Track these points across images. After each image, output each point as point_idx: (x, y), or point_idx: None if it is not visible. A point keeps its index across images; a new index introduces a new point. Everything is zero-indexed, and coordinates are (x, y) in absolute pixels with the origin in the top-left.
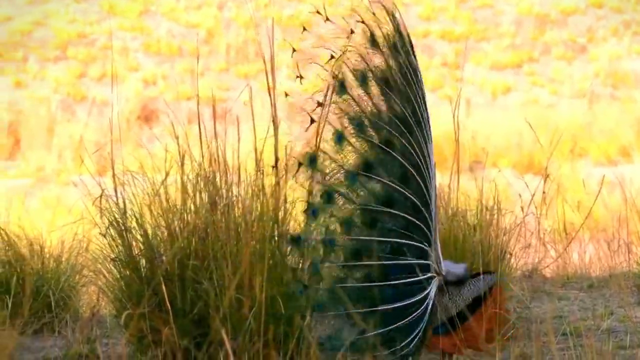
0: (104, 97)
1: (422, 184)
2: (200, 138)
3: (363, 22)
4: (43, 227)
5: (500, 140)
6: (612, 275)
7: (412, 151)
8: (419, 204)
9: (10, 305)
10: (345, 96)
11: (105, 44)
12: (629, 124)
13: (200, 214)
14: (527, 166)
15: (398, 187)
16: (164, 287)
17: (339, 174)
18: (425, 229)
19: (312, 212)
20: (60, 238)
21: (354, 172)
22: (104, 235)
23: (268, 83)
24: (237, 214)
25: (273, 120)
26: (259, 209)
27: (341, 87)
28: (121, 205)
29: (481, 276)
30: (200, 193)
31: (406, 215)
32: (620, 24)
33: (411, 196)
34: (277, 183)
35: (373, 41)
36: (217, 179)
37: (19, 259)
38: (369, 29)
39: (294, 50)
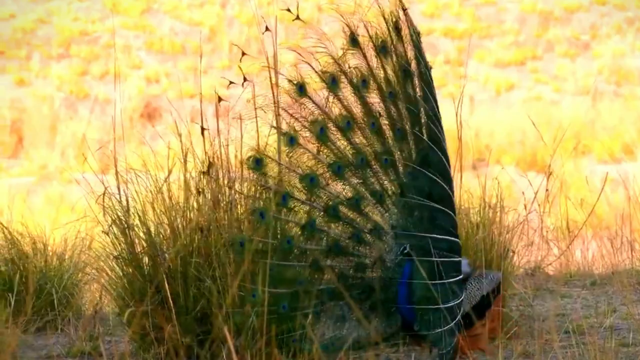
0: (107, 95)
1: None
2: (203, 135)
3: (347, 23)
4: (46, 225)
5: (504, 138)
6: (615, 273)
7: (388, 151)
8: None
9: (13, 303)
10: (304, 99)
11: (108, 42)
12: (633, 121)
13: (203, 212)
14: (530, 163)
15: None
16: (166, 285)
17: (292, 177)
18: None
19: (259, 214)
20: (63, 236)
21: (311, 175)
22: (107, 233)
23: (271, 80)
24: (239, 212)
25: (276, 118)
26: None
27: (300, 90)
28: (124, 203)
29: (485, 274)
30: (203, 190)
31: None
32: (623, 21)
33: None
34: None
35: (353, 40)
36: (220, 177)
37: (22, 257)
38: (350, 29)
39: (244, 54)
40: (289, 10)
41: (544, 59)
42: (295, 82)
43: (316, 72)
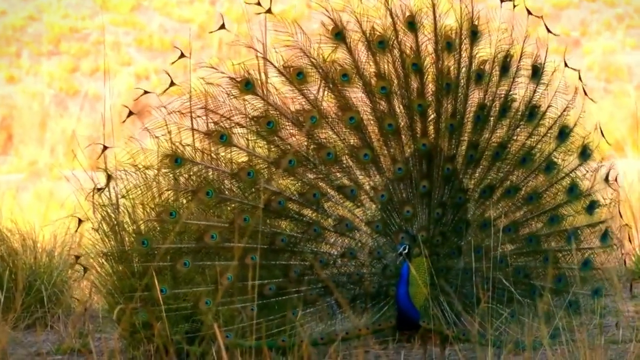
0: (97, 91)
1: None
2: (193, 133)
3: (332, 18)
4: (36, 222)
5: None
6: (605, 270)
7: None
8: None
9: (2, 299)
10: (250, 96)
11: (97, 39)
12: (623, 118)
13: (193, 209)
14: None
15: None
16: (156, 282)
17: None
18: None
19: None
20: (52, 233)
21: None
22: (97, 230)
23: (260, 78)
24: (229, 209)
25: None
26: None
27: (246, 85)
28: (114, 199)
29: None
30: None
31: None
32: (613, 18)
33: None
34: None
35: (338, 34)
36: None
37: (12, 254)
38: (335, 23)
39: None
40: (259, 3)
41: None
42: (239, 78)
43: (275, 67)
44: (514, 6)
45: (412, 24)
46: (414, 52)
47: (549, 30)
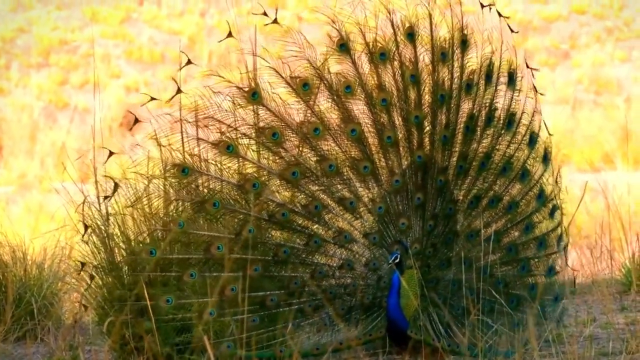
0: (86, 104)
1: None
2: (183, 145)
3: (337, 29)
4: (25, 234)
5: None
6: (595, 282)
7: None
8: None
9: None
10: (256, 106)
11: (87, 51)
12: (612, 130)
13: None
14: None
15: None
16: (146, 294)
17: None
18: None
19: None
20: (42, 245)
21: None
22: (87, 242)
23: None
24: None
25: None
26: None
27: (253, 95)
28: (103, 212)
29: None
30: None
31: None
32: (602, 31)
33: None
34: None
35: (343, 46)
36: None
37: (2, 266)
38: (340, 34)
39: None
40: (265, 14)
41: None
42: (246, 88)
43: (283, 77)
44: (488, 8)
45: (411, 35)
46: (413, 63)
47: (512, 30)
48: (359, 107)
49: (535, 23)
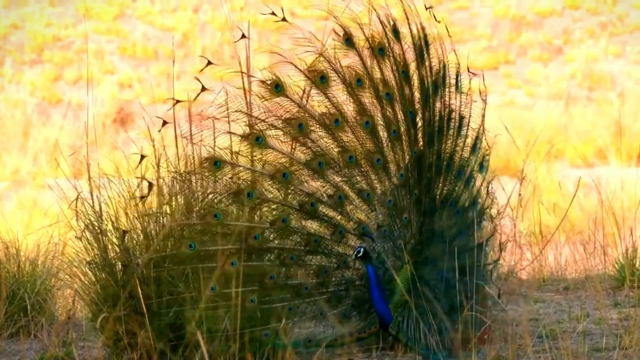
0: (80, 100)
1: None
2: (176, 141)
3: (340, 23)
4: (19, 231)
5: None
6: (588, 278)
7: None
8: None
9: None
10: (281, 98)
11: (80, 47)
12: (605, 125)
13: (176, 217)
14: (503, 168)
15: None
16: (139, 290)
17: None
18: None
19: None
20: (36, 241)
21: (283, 172)
22: (80, 239)
23: (244, 85)
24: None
25: (249, 125)
26: (234, 212)
27: (276, 88)
28: (97, 208)
29: None
30: (176, 196)
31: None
32: (596, 26)
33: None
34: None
35: (348, 40)
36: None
37: None
38: (344, 29)
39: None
40: (273, 13)
41: (516, 63)
42: (269, 81)
43: (301, 71)
44: (427, 8)
45: (396, 32)
46: (402, 59)
47: (437, 20)
48: (368, 100)
49: (529, 18)
